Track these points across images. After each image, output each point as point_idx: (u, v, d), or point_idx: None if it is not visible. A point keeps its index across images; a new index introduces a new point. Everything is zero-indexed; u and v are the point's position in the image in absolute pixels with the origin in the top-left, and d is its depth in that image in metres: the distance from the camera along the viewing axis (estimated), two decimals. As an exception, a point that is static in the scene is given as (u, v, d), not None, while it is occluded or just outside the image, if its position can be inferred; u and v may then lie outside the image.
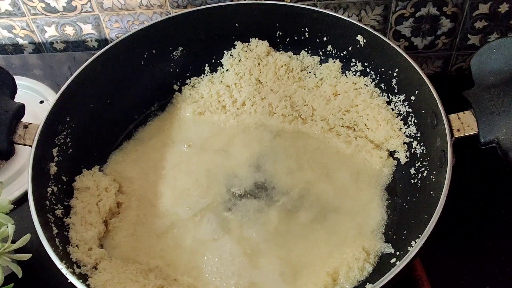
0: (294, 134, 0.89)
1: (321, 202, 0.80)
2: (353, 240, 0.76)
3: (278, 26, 0.94)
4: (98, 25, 1.12)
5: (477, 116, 0.70)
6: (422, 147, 0.79)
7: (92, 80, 0.85)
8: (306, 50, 0.95)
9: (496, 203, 0.86)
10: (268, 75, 0.93)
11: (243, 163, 0.86)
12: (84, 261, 0.71)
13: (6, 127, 0.75)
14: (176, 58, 0.96)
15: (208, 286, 0.73)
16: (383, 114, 0.85)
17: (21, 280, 0.73)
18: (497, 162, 0.69)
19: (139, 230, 0.80)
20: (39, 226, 0.67)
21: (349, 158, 0.85)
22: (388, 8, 0.98)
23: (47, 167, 0.77)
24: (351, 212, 0.79)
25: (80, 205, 0.78)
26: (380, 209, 0.79)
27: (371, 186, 0.82)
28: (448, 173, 0.66)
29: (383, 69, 0.87)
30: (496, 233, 0.82)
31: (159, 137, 0.91)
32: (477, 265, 0.79)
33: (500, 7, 0.95)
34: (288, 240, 0.77)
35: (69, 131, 0.82)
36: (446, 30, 1.00)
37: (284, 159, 0.86)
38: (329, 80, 0.92)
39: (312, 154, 0.86)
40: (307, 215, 0.79)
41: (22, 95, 1.04)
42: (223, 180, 0.84)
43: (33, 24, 1.14)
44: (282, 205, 0.80)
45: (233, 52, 0.96)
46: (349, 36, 0.88)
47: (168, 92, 0.97)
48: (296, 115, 0.91)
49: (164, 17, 0.93)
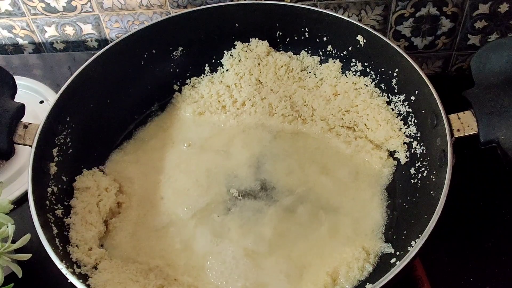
0: (294, 134, 0.89)
1: (321, 202, 0.80)
2: (353, 240, 0.76)
3: (278, 26, 0.94)
4: (98, 25, 1.12)
5: (477, 116, 0.70)
6: (422, 147, 0.79)
7: (92, 80, 0.85)
8: (306, 50, 0.95)
9: (496, 203, 0.86)
10: (268, 75, 0.93)
11: (243, 163, 0.86)
12: (84, 261, 0.71)
13: (6, 127, 0.75)
14: (176, 58, 0.96)
15: (208, 286, 0.73)
16: (383, 114, 0.85)
17: (21, 280, 0.73)
18: (497, 162, 0.69)
19: (139, 230, 0.80)
20: (39, 226, 0.67)
21: (349, 158, 0.85)
22: (388, 8, 0.98)
23: (47, 167, 0.77)
24: (351, 212, 0.79)
25: (80, 205, 0.78)
26: (380, 209, 0.79)
27: (371, 186, 0.82)
28: (448, 173, 0.66)
29: (383, 69, 0.87)
30: (496, 233, 0.82)
31: (159, 137, 0.91)
32: (477, 265, 0.79)
33: (500, 7, 0.95)
34: (287, 240, 0.77)
35: (69, 131, 0.82)
36: (446, 30, 1.00)
37: (284, 159, 0.86)
38: (329, 80, 0.92)
39: (312, 154, 0.86)
40: (306, 215, 0.79)
41: (22, 95, 1.04)
42: (223, 180, 0.84)
43: (33, 24, 1.14)
44: (282, 205, 0.80)
45: (233, 52, 0.96)
46: (349, 36, 0.88)
47: (168, 92, 0.97)
48: (296, 115, 0.91)
49: (164, 17, 0.93)
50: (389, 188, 0.82)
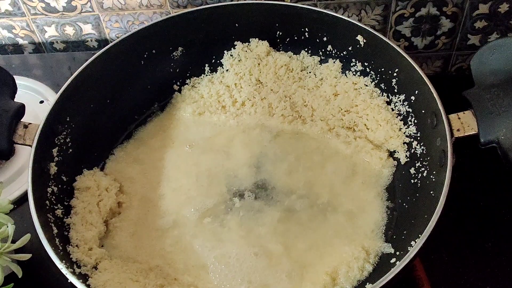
0: (294, 134, 0.89)
1: (321, 202, 0.80)
2: (352, 240, 0.76)
3: (278, 26, 0.94)
4: (98, 25, 1.12)
5: (477, 116, 0.70)
6: (422, 147, 0.79)
7: (92, 80, 0.85)
8: (306, 50, 0.95)
9: (496, 203, 0.86)
10: (268, 75, 0.93)
11: (243, 163, 0.86)
12: (84, 261, 0.71)
13: (6, 127, 0.75)
14: (176, 58, 0.96)
15: (208, 285, 0.73)
16: (383, 114, 0.85)
17: (21, 280, 0.73)
18: (497, 162, 0.69)
19: (140, 229, 0.80)
20: (39, 226, 0.67)
21: (348, 159, 0.85)
22: (388, 8, 0.98)
23: (47, 167, 0.77)
24: (350, 212, 0.79)
25: (81, 205, 0.78)
26: (380, 209, 0.79)
27: (371, 186, 0.82)
28: (448, 173, 0.66)
29: (383, 69, 0.87)
30: (496, 233, 0.82)
31: (159, 137, 0.91)
32: (477, 265, 0.79)
33: (500, 7, 0.95)
34: (288, 240, 0.77)
35: (69, 131, 0.82)
36: (446, 30, 1.00)
37: (284, 159, 0.86)
38: (329, 80, 0.92)
39: (312, 155, 0.86)
40: (306, 215, 0.79)
41: (22, 95, 1.04)
42: (223, 180, 0.84)
43: (33, 24, 1.14)
44: (282, 205, 0.80)
45: (233, 52, 0.96)
46: (349, 36, 0.88)
47: (168, 92, 0.97)
48: (296, 116, 0.91)
49: (164, 17, 0.93)
50: (389, 188, 0.82)
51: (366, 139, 0.86)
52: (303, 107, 0.91)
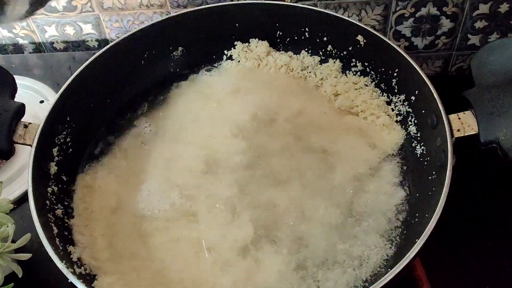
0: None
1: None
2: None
3: (278, 26, 0.94)
4: (98, 25, 1.12)
5: (477, 116, 0.70)
6: (422, 147, 0.79)
7: (92, 80, 0.85)
8: (306, 50, 0.95)
9: (496, 203, 0.86)
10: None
11: (239, 156, 0.83)
12: (84, 261, 0.71)
13: (6, 127, 0.74)
14: (176, 58, 0.96)
15: (208, 285, 0.73)
16: (383, 114, 0.85)
17: (21, 280, 0.73)
18: (497, 162, 0.69)
19: (141, 229, 0.79)
20: (39, 226, 0.67)
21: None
22: (388, 8, 0.98)
23: (47, 166, 0.77)
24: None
25: (81, 205, 0.78)
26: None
27: (371, 186, 0.82)
28: (448, 173, 0.66)
29: (383, 69, 0.87)
30: (496, 233, 0.82)
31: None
32: (477, 265, 0.79)
33: (500, 7, 0.95)
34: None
35: (69, 131, 0.82)
36: (446, 30, 1.00)
37: (282, 157, 0.85)
38: (329, 80, 0.92)
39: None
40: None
41: (22, 95, 1.04)
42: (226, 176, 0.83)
43: (33, 24, 1.14)
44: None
45: (233, 52, 0.96)
46: (349, 36, 0.88)
47: (168, 92, 0.96)
48: (296, 115, 0.91)
49: (164, 17, 0.93)
50: (389, 188, 0.82)
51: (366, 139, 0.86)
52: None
